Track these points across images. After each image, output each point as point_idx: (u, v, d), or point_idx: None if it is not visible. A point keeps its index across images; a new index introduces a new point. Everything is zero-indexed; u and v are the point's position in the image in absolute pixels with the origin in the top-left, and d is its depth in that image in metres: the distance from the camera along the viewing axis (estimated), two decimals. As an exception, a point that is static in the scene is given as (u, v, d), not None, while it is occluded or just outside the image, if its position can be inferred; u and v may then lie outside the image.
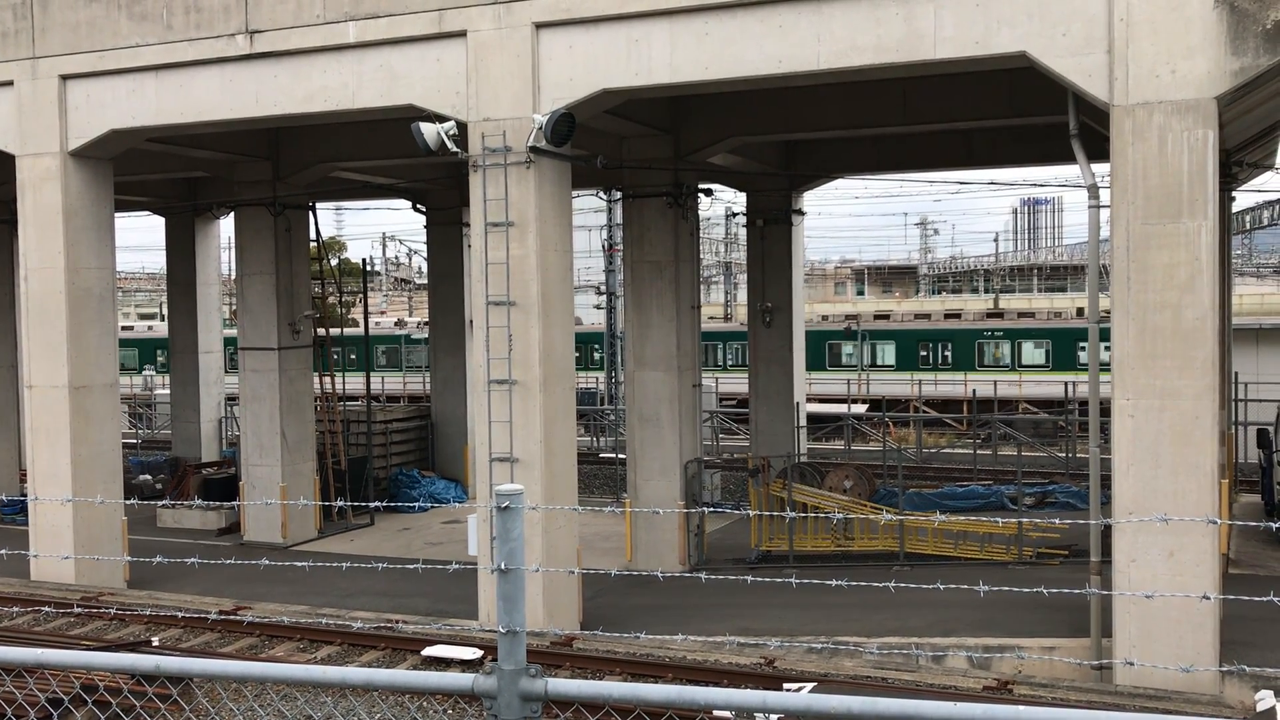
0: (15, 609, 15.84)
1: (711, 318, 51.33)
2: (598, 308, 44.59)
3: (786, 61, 13.45)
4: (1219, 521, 5.59)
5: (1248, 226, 41.71)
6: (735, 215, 57.09)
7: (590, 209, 44.67)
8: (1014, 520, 18.75)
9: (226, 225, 32.73)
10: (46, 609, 15.20)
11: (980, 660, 13.85)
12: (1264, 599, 4.79)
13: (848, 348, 41.54)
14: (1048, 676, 12.82)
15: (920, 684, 12.09)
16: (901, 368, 40.66)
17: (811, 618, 15.26)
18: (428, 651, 13.51)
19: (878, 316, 48.64)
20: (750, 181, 23.84)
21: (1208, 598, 7.27)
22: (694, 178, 19.95)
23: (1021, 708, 3.10)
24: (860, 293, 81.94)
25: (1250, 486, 23.85)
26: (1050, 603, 13.60)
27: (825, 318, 51.22)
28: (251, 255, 22.37)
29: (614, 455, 29.33)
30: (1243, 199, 49.21)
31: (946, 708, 3.13)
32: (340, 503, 18.13)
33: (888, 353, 41.42)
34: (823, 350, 41.40)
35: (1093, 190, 13.27)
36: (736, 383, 37.85)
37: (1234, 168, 19.18)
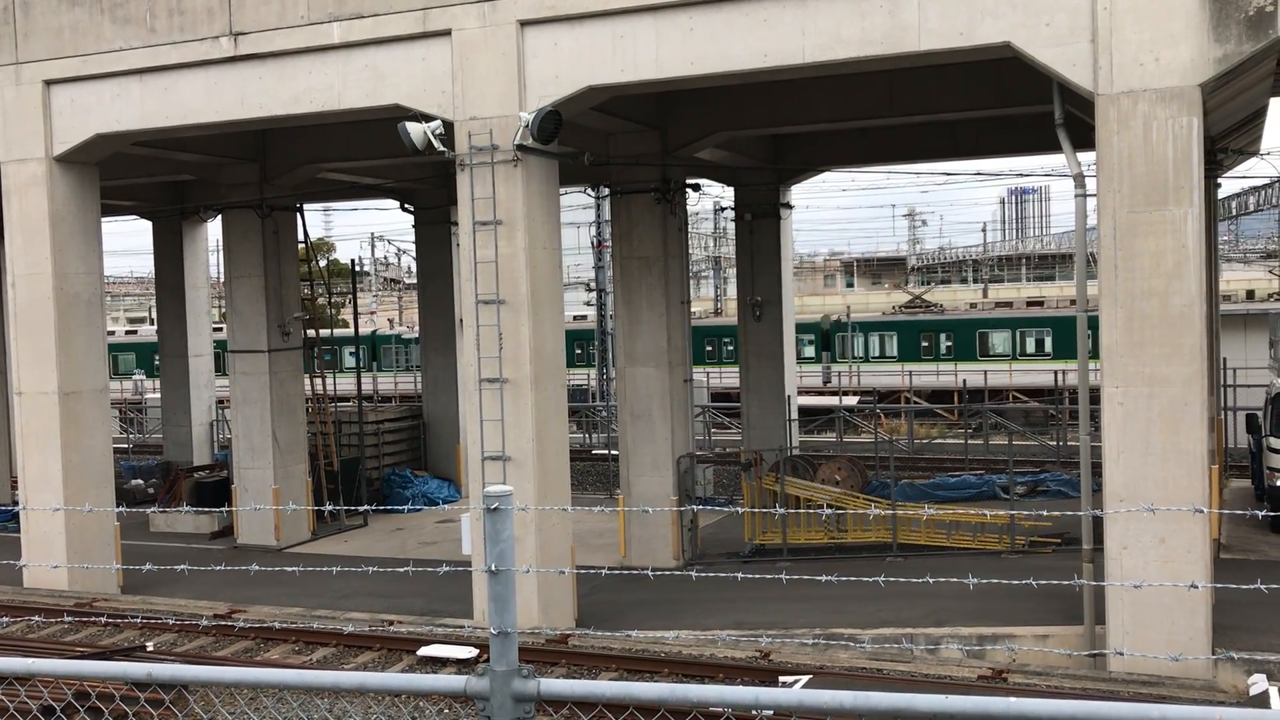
0: (6, 618, 15.80)
1: (703, 314, 51.11)
2: (588, 304, 44.56)
3: (772, 55, 13.46)
4: (1205, 510, 5.61)
5: (1234, 213, 41.85)
6: (724, 210, 57.10)
7: (579, 206, 44.61)
8: (1001, 512, 18.79)
9: (214, 228, 32.64)
10: (36, 618, 15.16)
11: (974, 650, 13.89)
12: (1255, 586, 4.83)
13: (999, 337, 40.53)
14: (1042, 665, 12.86)
15: (915, 674, 12.13)
16: (1059, 356, 38.78)
17: (805, 610, 15.29)
18: (423, 651, 13.51)
19: (1031, 303, 46.90)
20: (738, 176, 23.85)
21: (1195, 586, 7.31)
22: (682, 173, 19.95)
23: (1013, 699, 3.11)
24: (850, 285, 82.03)
25: (1240, 472, 23.96)
26: (1043, 591, 13.65)
27: (973, 305, 50.03)
28: (240, 258, 22.31)
29: (606, 452, 29.35)
30: (1228, 185, 49.43)
31: (938, 701, 3.14)
32: (332, 506, 18.09)
33: (1042, 341, 39.78)
34: (972, 340, 40.38)
35: (1079, 179, 13.30)
36: (729, 377, 37.81)
37: (1219, 154, 19.23)
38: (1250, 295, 48.89)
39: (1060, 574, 13.55)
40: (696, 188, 21.59)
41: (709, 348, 42.88)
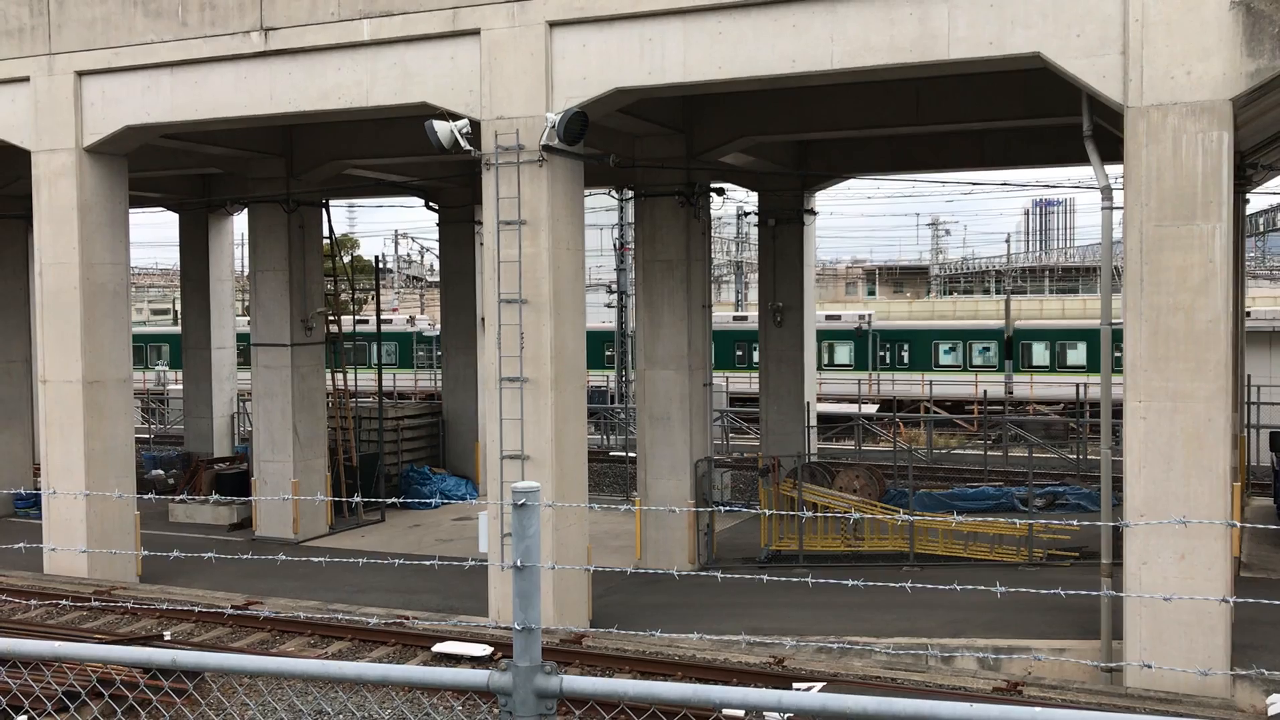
0: (33, 601, 15.93)
1: (736, 317, 50.75)
2: (609, 306, 44.61)
3: (800, 61, 13.45)
4: (1237, 524, 5.59)
5: (1261, 229, 41.53)
6: (747, 215, 56.94)
7: (602, 207, 44.67)
8: (1025, 521, 18.71)
9: (240, 222, 32.85)
10: (65, 602, 15.28)
11: (990, 661, 13.84)
12: (1278, 603, 4.80)
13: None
14: (1057, 678, 12.80)
15: (930, 684, 12.09)
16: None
17: (821, 617, 15.27)
18: (438, 648, 13.55)
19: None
20: (762, 181, 23.83)
21: (1226, 601, 7.27)
22: (706, 177, 19.95)
23: (1038, 709, 3.11)
24: (871, 293, 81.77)
25: (1262, 489, 23.78)
26: (1060, 604, 13.58)
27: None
28: (265, 252, 22.44)
29: (624, 454, 29.35)
30: (1256, 201, 48.98)
31: (962, 708, 3.14)
32: (354, 498, 18.15)
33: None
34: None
35: (1106, 192, 13.24)
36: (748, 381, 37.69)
37: (1248, 170, 19.10)
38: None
39: (1078, 588, 13.46)
40: (721, 192, 21.61)
41: (739, 352, 42.75)
